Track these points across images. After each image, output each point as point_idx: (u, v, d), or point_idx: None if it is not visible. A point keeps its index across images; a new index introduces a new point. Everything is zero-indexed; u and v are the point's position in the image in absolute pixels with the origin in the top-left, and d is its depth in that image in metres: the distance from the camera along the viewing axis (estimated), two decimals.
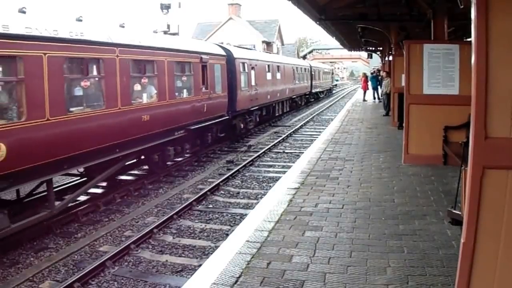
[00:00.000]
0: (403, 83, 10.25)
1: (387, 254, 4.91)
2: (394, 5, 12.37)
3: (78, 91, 9.53)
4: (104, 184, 12.39)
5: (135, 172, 13.93)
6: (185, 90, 14.23)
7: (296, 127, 23.60)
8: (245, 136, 20.55)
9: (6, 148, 7.23)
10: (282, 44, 60.85)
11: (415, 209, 6.44)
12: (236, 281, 4.38)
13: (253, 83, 20.65)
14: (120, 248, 7.71)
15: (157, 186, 12.25)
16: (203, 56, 15.13)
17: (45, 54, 8.14)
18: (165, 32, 15.23)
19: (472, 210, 3.31)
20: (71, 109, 9.08)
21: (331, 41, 38.76)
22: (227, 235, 7.71)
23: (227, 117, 17.49)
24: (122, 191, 11.44)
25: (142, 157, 12.87)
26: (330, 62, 79.52)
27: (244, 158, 15.62)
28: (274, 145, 18.00)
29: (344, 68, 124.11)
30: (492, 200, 3.29)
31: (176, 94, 13.40)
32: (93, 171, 10.46)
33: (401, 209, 6.48)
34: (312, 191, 7.59)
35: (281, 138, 19.72)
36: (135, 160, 12.84)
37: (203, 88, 15.11)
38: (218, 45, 18.82)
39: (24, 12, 8.28)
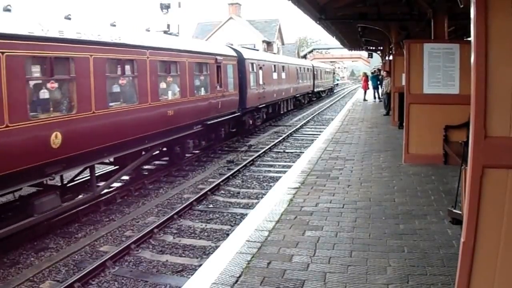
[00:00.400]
0: (404, 83, 10.24)
1: (387, 253, 4.91)
2: (394, 5, 12.37)
3: (116, 88, 10.82)
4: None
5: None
6: (202, 88, 15.41)
7: (297, 126, 23.60)
8: (246, 136, 20.63)
9: (62, 137, 8.31)
10: (283, 43, 60.83)
11: (416, 209, 6.44)
12: (236, 281, 4.38)
13: (260, 82, 22.00)
14: (121, 248, 7.71)
15: (158, 186, 12.25)
16: (218, 57, 16.44)
17: (91, 55, 9.28)
18: (165, 32, 15.29)
19: (472, 209, 3.30)
20: (111, 104, 10.23)
21: (332, 41, 38.69)
22: (228, 235, 7.69)
23: (238, 113, 18.73)
24: (122, 191, 11.44)
25: (164, 148, 13.96)
26: (331, 62, 79.39)
27: (245, 158, 15.63)
28: (274, 144, 18.00)
29: (344, 67, 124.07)
30: (492, 200, 3.28)
31: (195, 92, 14.63)
32: (124, 160, 11.45)
33: (401, 209, 6.47)
34: (312, 190, 7.58)
35: (281, 137, 19.72)
36: (157, 152, 14.00)
37: (218, 87, 16.40)
38: (229, 46, 19.98)
39: (70, 19, 9.53)
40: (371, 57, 41.48)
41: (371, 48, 30.94)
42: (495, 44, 3.20)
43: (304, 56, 64.47)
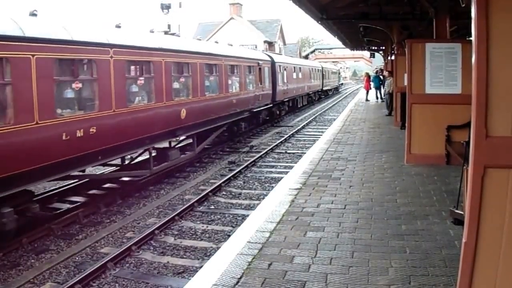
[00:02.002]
0: (406, 83, 10.21)
1: (389, 254, 4.88)
2: (396, 4, 12.35)
3: (207, 83, 14.87)
4: (106, 185, 12.41)
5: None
6: (251, 85, 20.52)
7: (299, 127, 23.58)
8: (247, 136, 20.72)
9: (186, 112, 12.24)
10: (284, 43, 60.78)
11: (418, 209, 6.40)
12: (237, 282, 4.36)
13: (285, 81, 27.42)
14: (121, 249, 7.70)
15: (159, 187, 12.24)
16: (259, 62, 22.03)
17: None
18: (165, 32, 15.37)
19: (473, 209, 3.28)
20: (206, 93, 14.70)
21: (333, 41, 38.81)
22: (229, 236, 7.67)
23: (271, 105, 23.94)
24: (123, 192, 11.43)
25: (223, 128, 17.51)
26: (333, 62, 79.33)
27: (246, 158, 15.62)
28: (276, 145, 17.99)
29: (346, 67, 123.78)
30: (493, 200, 3.26)
31: (247, 87, 19.84)
32: (200, 136, 15.01)
33: (403, 209, 6.44)
34: (314, 191, 7.55)
35: (283, 138, 19.72)
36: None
37: (259, 84, 21.67)
38: (265, 53, 26.98)
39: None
40: (373, 57, 41.54)
41: (373, 48, 30.94)
42: (496, 43, 3.18)
43: (306, 56, 64.45)
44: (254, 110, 20.71)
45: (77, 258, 7.74)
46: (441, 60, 8.88)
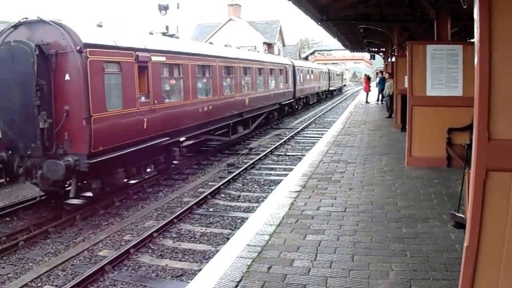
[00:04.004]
0: (406, 85, 10.17)
1: (389, 257, 4.85)
2: (397, 5, 12.31)
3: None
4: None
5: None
6: (280, 84, 26.50)
7: (298, 129, 23.54)
8: (247, 138, 20.70)
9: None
10: (284, 45, 60.69)
11: (418, 212, 6.37)
12: (237, 286, 4.33)
13: (301, 81, 33.20)
14: (120, 252, 7.65)
15: (157, 190, 12.20)
16: (286, 65, 28.47)
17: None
18: (163, 34, 15.39)
19: (475, 213, 3.25)
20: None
21: (333, 42, 39.06)
22: (228, 239, 7.61)
23: (292, 100, 29.90)
24: (121, 195, 11.39)
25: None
26: (332, 63, 79.24)
27: (245, 161, 15.57)
28: (275, 147, 17.94)
29: (346, 69, 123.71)
30: (495, 203, 3.23)
31: (278, 85, 25.95)
32: (254, 118, 21.42)
33: (404, 212, 6.41)
34: (313, 194, 7.52)
35: (282, 140, 19.67)
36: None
37: (285, 83, 27.69)
38: (288, 58, 33.75)
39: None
40: (374, 59, 41.56)
41: (373, 49, 30.95)
42: (499, 45, 3.16)
43: (306, 58, 64.49)
44: (282, 103, 26.98)
45: (75, 261, 7.69)
46: (442, 62, 8.84)
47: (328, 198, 7.22)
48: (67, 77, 9.29)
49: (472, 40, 11.69)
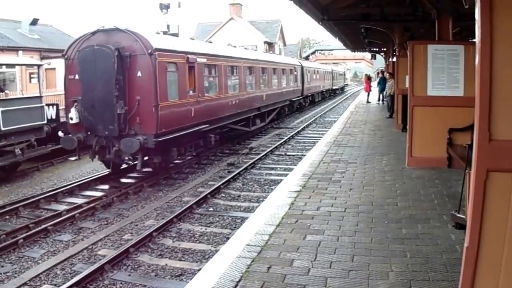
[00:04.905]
0: (407, 85, 10.14)
1: (389, 258, 4.83)
2: (398, 5, 12.26)
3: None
4: (103, 187, 12.41)
5: (134, 174, 13.89)
6: (291, 82, 29.24)
7: (299, 129, 23.52)
8: (247, 138, 20.72)
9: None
10: (284, 44, 60.73)
11: (419, 213, 6.35)
12: (236, 286, 4.32)
13: (309, 80, 35.76)
14: (119, 251, 7.64)
15: (157, 189, 12.19)
16: (296, 66, 31.20)
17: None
18: (164, 33, 15.46)
19: (475, 214, 3.24)
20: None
21: (334, 42, 39.01)
22: (228, 238, 7.59)
23: (301, 97, 32.80)
24: (120, 194, 11.39)
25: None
26: (333, 63, 79.10)
27: (246, 160, 15.56)
28: (276, 147, 17.92)
29: (347, 69, 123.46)
30: (496, 204, 3.23)
31: (288, 83, 28.46)
32: (264, 114, 23.48)
33: (404, 213, 6.39)
34: (314, 194, 7.50)
35: (283, 140, 19.65)
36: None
37: (294, 81, 30.22)
38: (297, 59, 37.94)
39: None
40: (375, 59, 41.54)
41: (374, 49, 30.86)
42: (500, 45, 3.15)
43: (307, 58, 64.41)
44: (292, 100, 29.87)
45: (74, 260, 7.69)
46: (443, 62, 8.81)
47: (328, 198, 7.20)
48: (139, 74, 11.85)
49: (473, 40, 11.65)
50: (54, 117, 16.80)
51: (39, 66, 16.90)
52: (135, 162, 12.93)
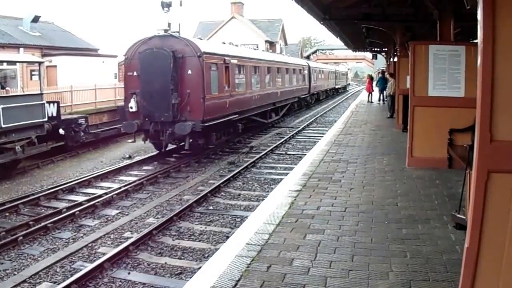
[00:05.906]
0: (408, 85, 10.13)
1: (389, 258, 4.82)
2: (400, 5, 12.25)
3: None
4: (104, 184, 12.41)
5: (135, 172, 13.89)
6: (300, 81, 32.39)
7: (299, 128, 23.52)
8: (247, 137, 20.74)
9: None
10: (286, 44, 60.57)
11: (419, 213, 6.34)
12: (236, 285, 4.30)
13: (315, 79, 38.61)
14: (119, 249, 7.64)
15: (157, 187, 12.19)
16: (304, 66, 34.58)
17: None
18: (165, 31, 15.51)
19: (476, 214, 3.23)
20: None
21: (335, 41, 38.96)
22: (228, 237, 7.61)
23: (308, 95, 35.59)
24: (120, 192, 11.39)
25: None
26: (334, 63, 78.99)
27: (246, 159, 15.57)
28: (276, 146, 17.93)
29: (348, 69, 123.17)
30: (497, 205, 3.21)
31: (298, 82, 31.78)
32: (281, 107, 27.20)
33: (404, 213, 6.38)
34: (314, 193, 7.49)
35: (283, 139, 19.66)
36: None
37: (302, 80, 33.23)
38: (304, 60, 41.71)
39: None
40: (376, 59, 41.43)
41: (375, 49, 30.80)
42: (502, 46, 3.13)
43: (308, 57, 64.28)
44: (301, 97, 32.78)
45: (73, 258, 7.69)
46: (444, 63, 8.79)
47: (328, 198, 7.19)
48: (189, 72, 15.00)
49: (475, 41, 11.64)
50: (54, 114, 16.84)
51: (40, 63, 16.91)
52: (182, 143, 16.11)
